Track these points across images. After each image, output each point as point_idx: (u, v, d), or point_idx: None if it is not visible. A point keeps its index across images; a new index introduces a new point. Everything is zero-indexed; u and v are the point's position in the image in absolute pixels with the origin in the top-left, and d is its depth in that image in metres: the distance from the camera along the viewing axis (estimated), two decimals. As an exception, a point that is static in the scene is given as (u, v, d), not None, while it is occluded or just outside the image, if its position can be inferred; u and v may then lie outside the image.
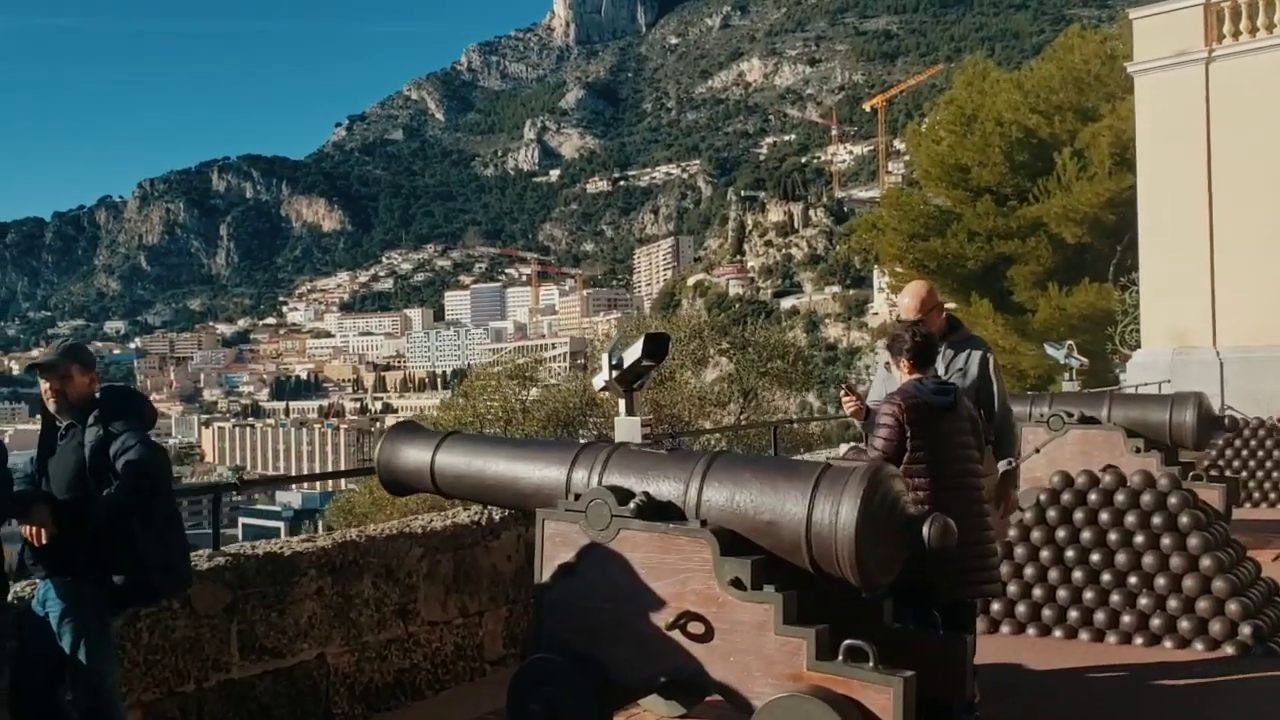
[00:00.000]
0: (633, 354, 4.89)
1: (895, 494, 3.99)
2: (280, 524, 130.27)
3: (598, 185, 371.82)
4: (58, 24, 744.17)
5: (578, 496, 4.29)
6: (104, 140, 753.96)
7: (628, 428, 4.93)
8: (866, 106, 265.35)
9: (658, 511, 4.13)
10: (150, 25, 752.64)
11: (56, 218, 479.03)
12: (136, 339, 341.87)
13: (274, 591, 4.90)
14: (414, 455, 5.12)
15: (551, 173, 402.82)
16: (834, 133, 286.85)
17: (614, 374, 4.93)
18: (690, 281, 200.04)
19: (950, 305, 25.95)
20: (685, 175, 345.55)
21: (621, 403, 4.99)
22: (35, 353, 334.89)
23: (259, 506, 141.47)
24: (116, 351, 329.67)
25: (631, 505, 4.08)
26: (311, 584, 5.05)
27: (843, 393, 5.44)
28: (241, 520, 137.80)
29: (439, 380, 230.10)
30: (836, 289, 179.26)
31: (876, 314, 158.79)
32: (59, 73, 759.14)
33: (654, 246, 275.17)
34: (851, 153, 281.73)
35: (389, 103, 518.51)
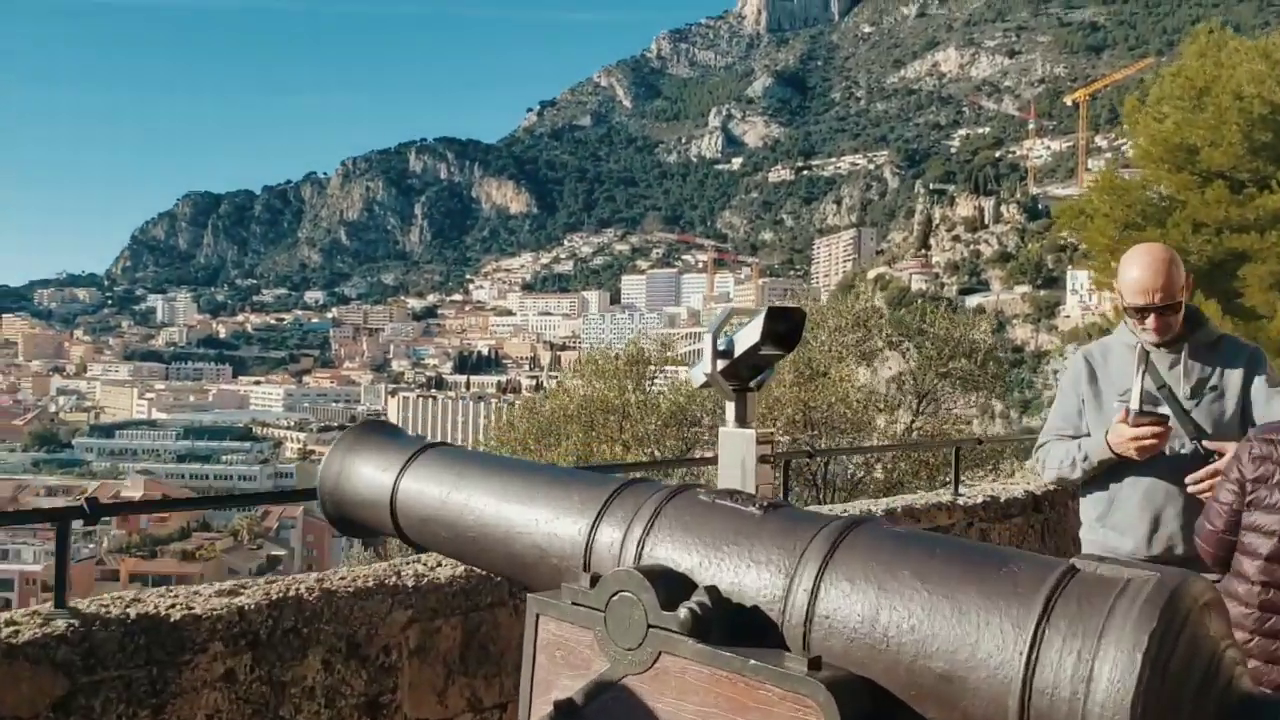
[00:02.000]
0: (748, 336, 3.33)
1: (1214, 644, 1.63)
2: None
3: (780, 174, 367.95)
4: (280, 6, 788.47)
5: (597, 578, 2.09)
6: (312, 119, 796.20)
7: (734, 448, 3.49)
8: (1068, 100, 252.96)
9: (732, 627, 1.92)
10: (359, 9, 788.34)
11: (266, 191, 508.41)
12: (333, 309, 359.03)
13: (148, 678, 2.95)
14: (371, 477, 2.75)
15: (734, 160, 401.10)
16: (1031, 127, 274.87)
17: (719, 364, 3.40)
18: (871, 274, 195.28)
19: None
20: (871, 166, 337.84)
21: (729, 407, 3.55)
22: (240, 317, 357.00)
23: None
24: (315, 320, 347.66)
25: (685, 611, 1.89)
26: (215, 665, 3.09)
27: (1129, 415, 3.45)
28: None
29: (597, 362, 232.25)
30: (1026, 289, 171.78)
31: (1068, 316, 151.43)
32: (274, 53, 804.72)
33: (835, 237, 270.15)
34: (1049, 148, 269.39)
35: (579, 89, 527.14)
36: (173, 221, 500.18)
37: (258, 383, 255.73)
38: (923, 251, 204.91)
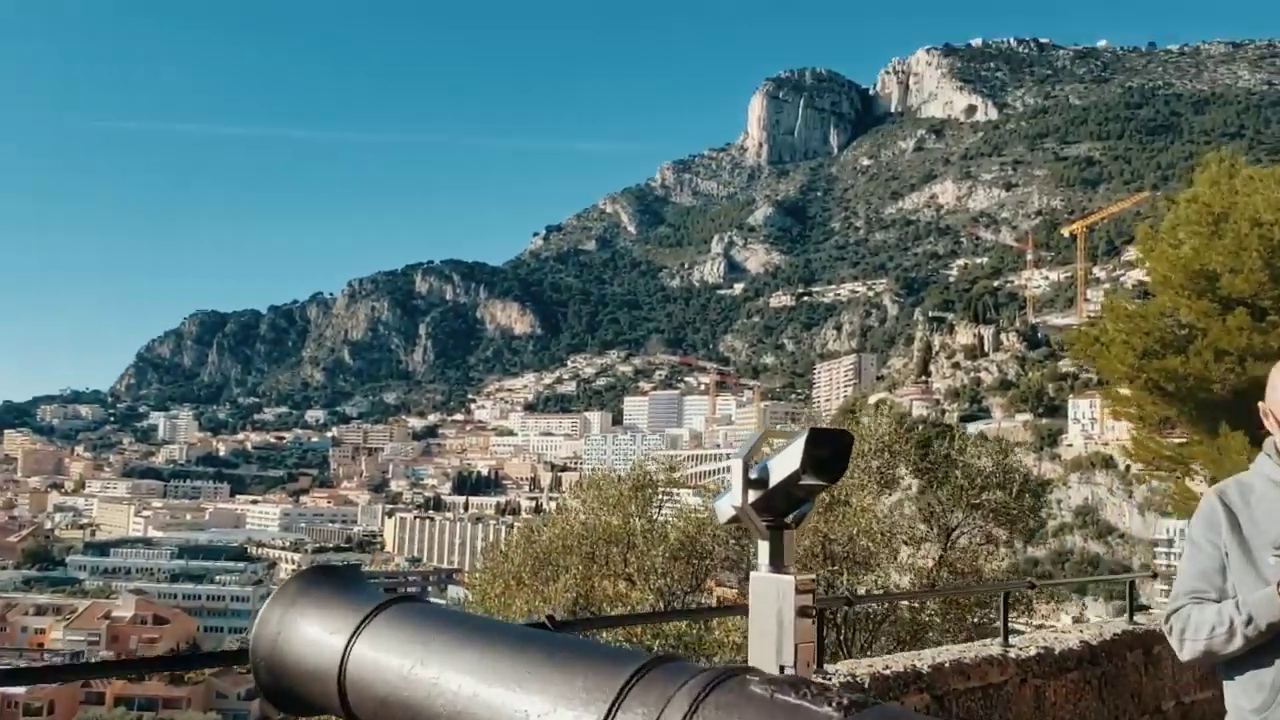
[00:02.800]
0: (786, 463, 2.81)
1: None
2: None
3: (781, 300, 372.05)
4: (293, 135, 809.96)
5: None
6: (321, 241, 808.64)
7: (768, 597, 2.96)
8: (1065, 232, 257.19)
9: None
10: (371, 138, 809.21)
11: (272, 311, 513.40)
12: (334, 428, 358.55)
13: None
14: (316, 640, 1.75)
15: (736, 286, 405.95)
16: (1029, 257, 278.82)
17: (750, 495, 2.89)
18: (872, 399, 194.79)
19: (1194, 436, 22.62)
20: (871, 293, 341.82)
21: (761, 548, 2.99)
22: (240, 436, 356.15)
23: (430, 599, 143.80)
24: (315, 439, 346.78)
25: None
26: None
27: None
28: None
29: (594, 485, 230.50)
30: (1028, 416, 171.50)
31: (1071, 445, 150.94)
32: (285, 177, 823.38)
33: (835, 362, 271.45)
34: (1047, 278, 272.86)
35: (585, 214, 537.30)
36: (179, 340, 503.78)
37: (255, 502, 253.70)
38: (923, 378, 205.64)
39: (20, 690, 78.65)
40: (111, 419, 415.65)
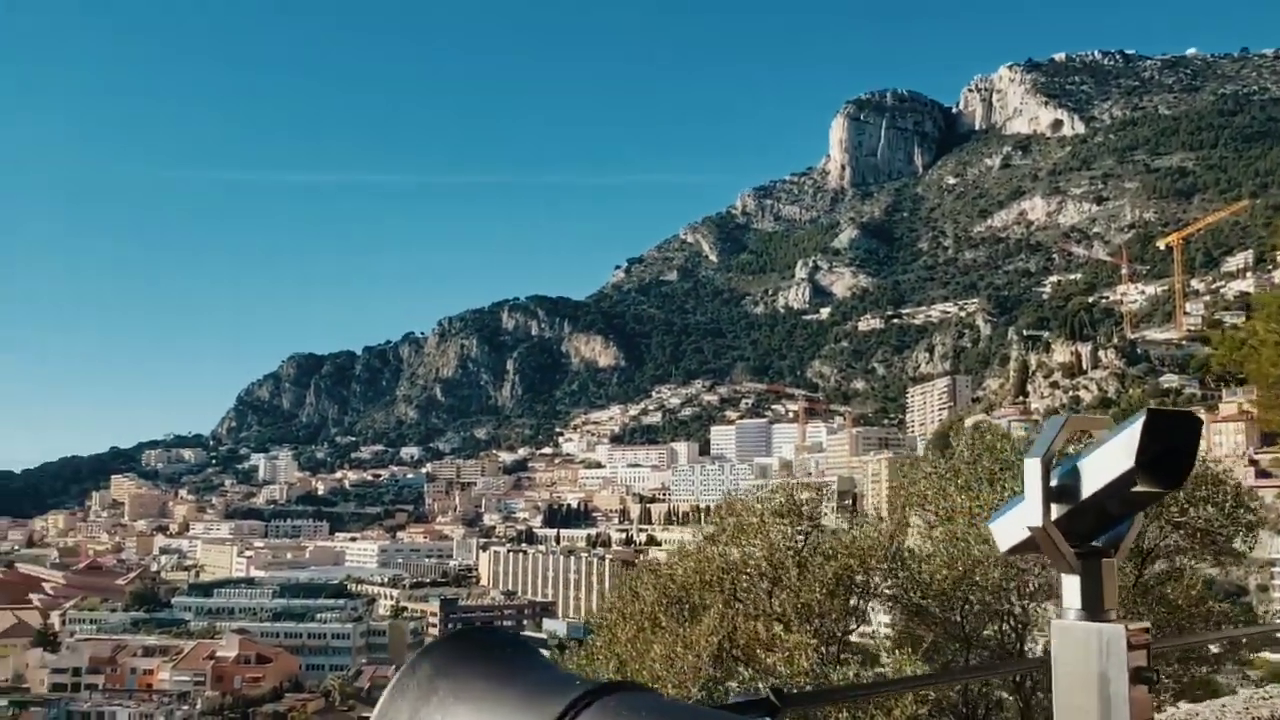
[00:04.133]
0: (1110, 462, 2.04)
1: None
2: (545, 651, 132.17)
3: (870, 323, 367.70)
4: (385, 181, 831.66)
5: None
6: (412, 281, 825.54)
7: (1083, 653, 2.16)
8: (1161, 244, 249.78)
9: None
10: (457, 180, 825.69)
11: (366, 351, 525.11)
12: (428, 464, 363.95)
13: None
14: None
15: (822, 310, 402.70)
16: (1124, 271, 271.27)
17: (1054, 511, 2.12)
18: (968, 422, 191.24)
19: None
20: (963, 314, 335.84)
21: (1066, 584, 2.22)
22: (338, 474, 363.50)
23: (527, 632, 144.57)
24: (410, 475, 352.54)
25: None
26: None
27: None
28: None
29: (703, 514, 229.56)
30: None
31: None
32: (378, 218, 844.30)
33: (928, 385, 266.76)
34: (1143, 292, 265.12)
35: (666, 245, 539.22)
36: (277, 382, 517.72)
37: (353, 539, 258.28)
38: (1021, 398, 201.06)
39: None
40: (214, 462, 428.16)
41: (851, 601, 13.00)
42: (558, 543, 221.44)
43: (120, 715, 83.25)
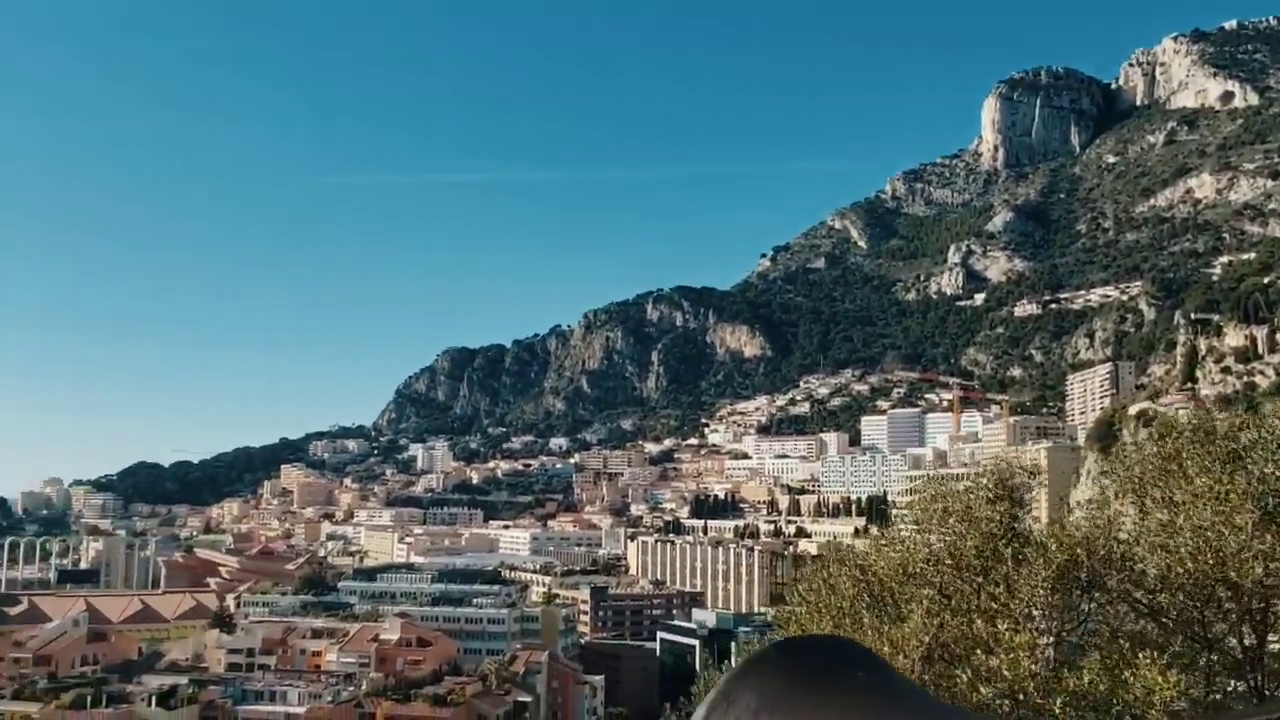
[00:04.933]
0: None
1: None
2: (695, 641, 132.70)
3: (1026, 308, 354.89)
4: (535, 177, 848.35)
5: None
6: (558, 275, 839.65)
7: None
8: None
9: None
10: (603, 176, 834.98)
11: (515, 345, 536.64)
12: (576, 455, 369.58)
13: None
14: None
15: (976, 296, 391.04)
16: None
17: None
18: (1132, 410, 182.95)
19: None
20: (1125, 297, 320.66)
21: None
22: (491, 464, 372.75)
23: (676, 621, 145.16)
24: (559, 465, 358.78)
25: None
26: None
27: None
28: (660, 634, 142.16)
29: (854, 507, 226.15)
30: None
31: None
32: (520, 215, 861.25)
33: (1089, 372, 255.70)
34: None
35: (812, 233, 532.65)
36: (433, 375, 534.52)
37: (506, 526, 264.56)
38: (1188, 385, 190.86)
39: (300, 709, 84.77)
40: (375, 452, 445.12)
41: (1073, 597, 11.41)
42: (705, 533, 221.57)
43: (291, 695, 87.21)
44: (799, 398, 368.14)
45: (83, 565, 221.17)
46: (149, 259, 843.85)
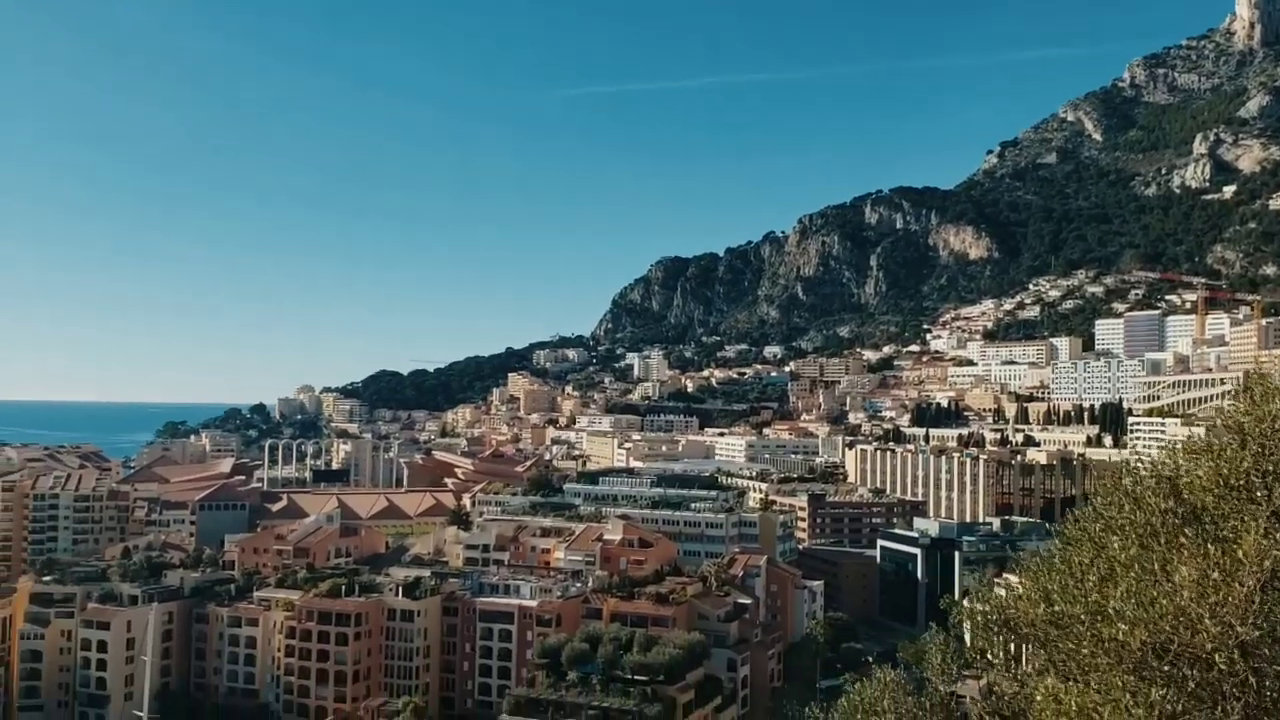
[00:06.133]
0: None
1: None
2: (916, 550, 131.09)
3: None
4: (739, 80, 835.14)
5: None
6: (772, 181, 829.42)
7: None
8: None
9: None
10: (808, 75, 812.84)
11: (728, 253, 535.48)
12: (791, 363, 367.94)
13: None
14: None
15: (1225, 189, 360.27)
16: None
17: None
18: None
19: None
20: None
21: None
22: (705, 373, 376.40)
23: (896, 530, 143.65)
24: (773, 374, 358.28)
25: None
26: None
27: None
28: (880, 542, 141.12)
29: (1085, 415, 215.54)
30: None
31: None
32: (736, 121, 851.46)
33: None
34: None
35: (1043, 126, 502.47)
36: (647, 285, 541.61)
37: (722, 434, 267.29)
38: None
39: (533, 603, 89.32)
40: (594, 361, 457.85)
41: None
42: (927, 441, 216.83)
43: (524, 589, 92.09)
44: (1028, 301, 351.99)
45: (334, 465, 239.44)
46: (396, 197, 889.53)
